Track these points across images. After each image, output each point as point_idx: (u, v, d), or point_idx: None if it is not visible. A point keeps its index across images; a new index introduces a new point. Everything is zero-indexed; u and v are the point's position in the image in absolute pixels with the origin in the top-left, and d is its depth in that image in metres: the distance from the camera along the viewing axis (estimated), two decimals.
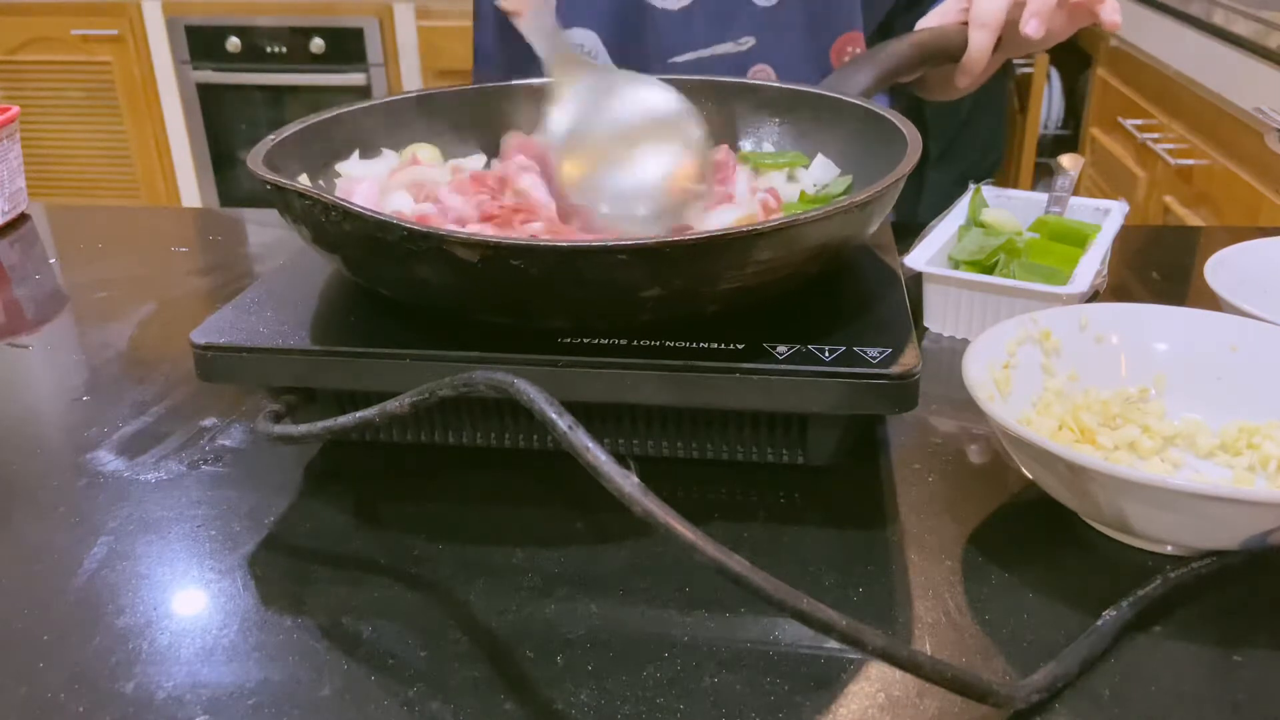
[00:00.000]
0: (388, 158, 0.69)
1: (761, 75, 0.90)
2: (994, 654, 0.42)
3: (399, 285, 0.53)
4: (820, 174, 0.68)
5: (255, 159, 0.55)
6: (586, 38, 0.90)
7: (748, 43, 0.89)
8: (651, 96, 0.60)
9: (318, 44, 2.71)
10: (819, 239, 0.51)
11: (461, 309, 0.52)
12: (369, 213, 0.48)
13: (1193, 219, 1.76)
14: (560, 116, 0.60)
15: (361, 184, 0.62)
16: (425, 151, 0.69)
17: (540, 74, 0.74)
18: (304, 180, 0.61)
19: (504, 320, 0.52)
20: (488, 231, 0.57)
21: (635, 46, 0.90)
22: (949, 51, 0.77)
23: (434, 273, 0.49)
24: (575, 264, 0.47)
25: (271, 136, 0.60)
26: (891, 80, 0.74)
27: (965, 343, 0.61)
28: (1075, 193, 0.78)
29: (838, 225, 0.51)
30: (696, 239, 0.47)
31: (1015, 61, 2.26)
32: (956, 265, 0.70)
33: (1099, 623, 0.43)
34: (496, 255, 0.47)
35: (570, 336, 0.51)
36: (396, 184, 0.63)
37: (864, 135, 0.66)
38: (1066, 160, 0.82)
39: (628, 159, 0.59)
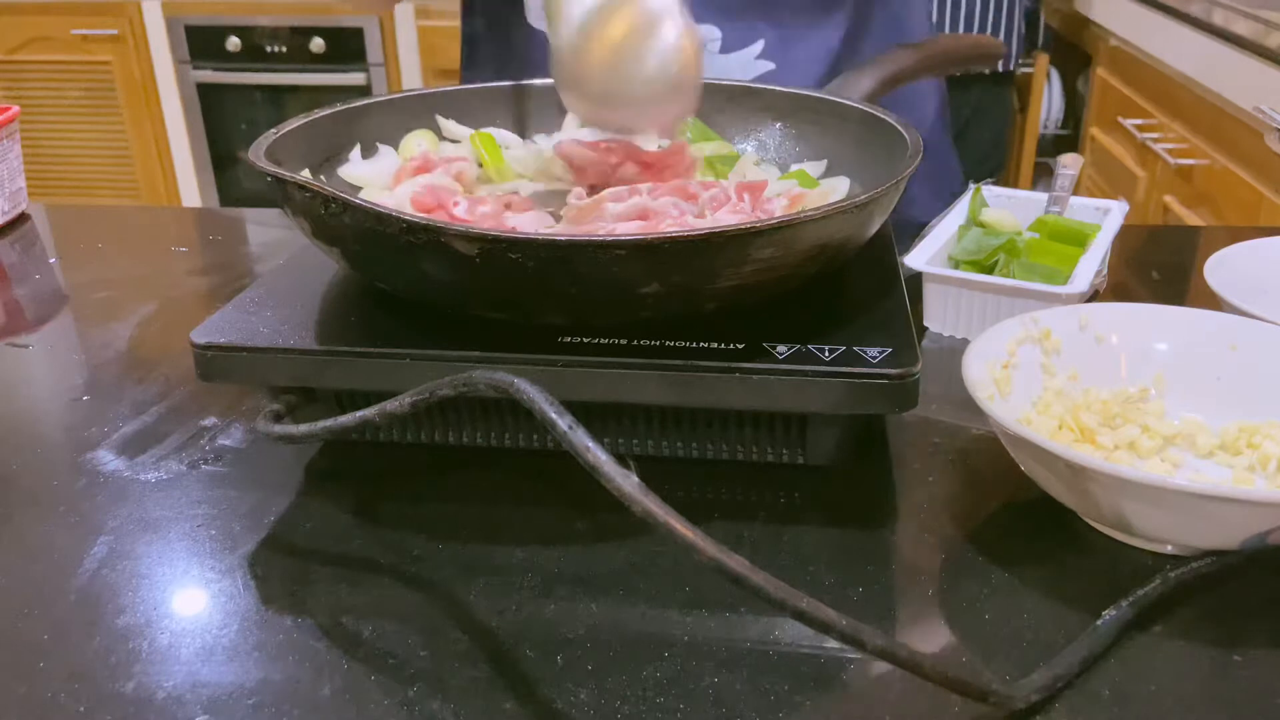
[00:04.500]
0: (387, 155, 0.69)
1: None
2: (994, 654, 0.42)
3: (399, 279, 0.53)
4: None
5: (256, 152, 0.55)
6: None
7: None
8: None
9: (318, 44, 2.71)
10: (818, 238, 0.51)
11: (461, 303, 0.52)
12: (368, 205, 0.48)
13: (1193, 219, 1.76)
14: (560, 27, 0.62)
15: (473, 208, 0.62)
16: (424, 141, 0.69)
17: (527, 72, 0.74)
18: (305, 175, 0.61)
19: (504, 316, 0.52)
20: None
21: None
22: (954, 59, 0.78)
23: (433, 266, 0.49)
24: (573, 257, 0.47)
25: (272, 131, 0.60)
26: (895, 85, 0.74)
27: (965, 343, 0.61)
28: (1075, 192, 0.78)
29: (837, 225, 0.51)
30: (695, 235, 0.47)
31: (1015, 62, 2.26)
32: (956, 265, 0.70)
33: (1099, 623, 0.43)
34: (495, 248, 0.47)
35: (570, 335, 0.51)
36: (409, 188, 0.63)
37: (866, 138, 0.66)
38: (1066, 160, 0.82)
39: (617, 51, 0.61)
